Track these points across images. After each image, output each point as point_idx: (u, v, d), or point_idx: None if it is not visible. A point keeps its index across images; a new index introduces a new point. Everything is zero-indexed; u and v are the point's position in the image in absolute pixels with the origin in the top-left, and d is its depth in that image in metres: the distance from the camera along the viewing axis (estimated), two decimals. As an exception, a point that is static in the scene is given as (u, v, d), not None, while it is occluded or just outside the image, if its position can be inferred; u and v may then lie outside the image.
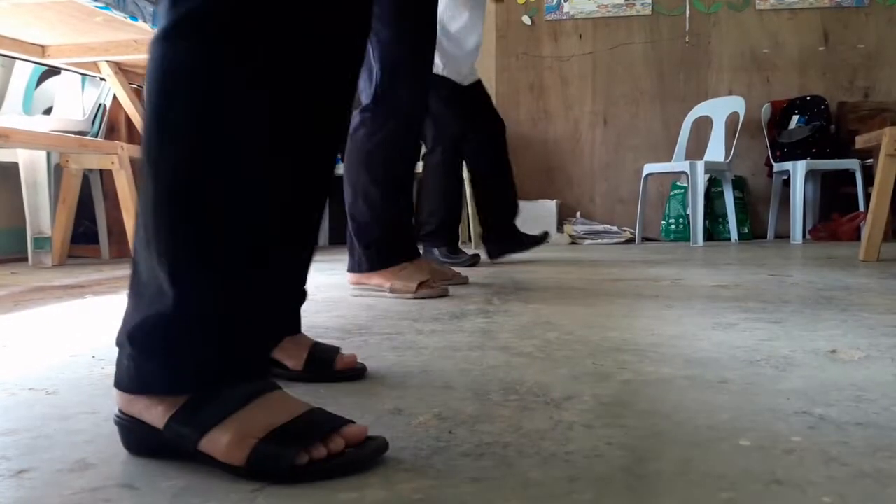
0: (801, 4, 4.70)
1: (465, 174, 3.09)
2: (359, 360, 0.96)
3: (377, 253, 1.87)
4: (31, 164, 2.94)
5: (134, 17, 2.12)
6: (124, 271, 2.71)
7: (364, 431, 0.63)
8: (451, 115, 2.81)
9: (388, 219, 1.88)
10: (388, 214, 1.88)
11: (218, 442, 0.60)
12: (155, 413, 0.63)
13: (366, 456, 0.61)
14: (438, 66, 2.65)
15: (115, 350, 0.68)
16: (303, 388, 0.87)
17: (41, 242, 2.94)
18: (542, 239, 3.06)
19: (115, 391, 0.66)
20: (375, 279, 1.87)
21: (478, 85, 2.96)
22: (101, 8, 2.00)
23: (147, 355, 0.64)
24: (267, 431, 0.59)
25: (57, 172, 3.06)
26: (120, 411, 0.66)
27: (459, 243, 2.91)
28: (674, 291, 1.87)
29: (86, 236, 3.52)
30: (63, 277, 2.48)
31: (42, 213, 2.95)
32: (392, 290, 1.83)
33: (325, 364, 0.93)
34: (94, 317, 1.55)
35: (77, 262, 3.15)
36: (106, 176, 3.32)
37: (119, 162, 2.93)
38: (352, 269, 1.90)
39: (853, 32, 4.68)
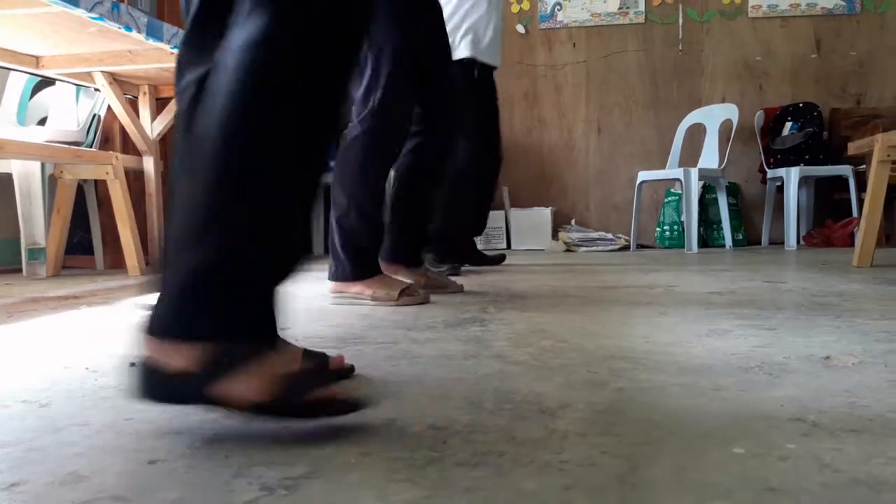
0: (792, 12, 4.73)
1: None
2: (354, 370, 1.00)
3: (363, 262, 1.87)
4: (26, 174, 2.93)
5: (128, 28, 2.12)
6: (119, 282, 2.70)
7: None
8: (475, 105, 2.85)
9: (376, 229, 1.88)
10: (378, 224, 1.88)
11: (241, 384, 0.69)
12: (180, 357, 0.70)
13: (357, 399, 0.74)
14: (462, 50, 2.71)
15: (108, 361, 0.69)
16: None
17: (35, 253, 2.93)
18: (498, 260, 3.19)
19: (142, 337, 0.72)
20: (356, 287, 1.87)
21: (492, 81, 2.99)
22: (95, 19, 2.00)
23: (185, 302, 0.71)
24: (285, 375, 0.71)
25: (51, 183, 3.05)
26: (143, 357, 0.72)
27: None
28: (668, 298, 1.88)
29: (80, 247, 3.51)
30: (57, 288, 2.47)
31: (36, 224, 2.95)
32: (373, 298, 1.84)
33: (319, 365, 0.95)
34: (88, 328, 1.55)
35: (71, 273, 3.14)
36: (100, 186, 3.31)
37: (113, 172, 2.92)
38: (333, 278, 1.90)
39: (845, 40, 4.71)
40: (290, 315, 1.65)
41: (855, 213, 4.11)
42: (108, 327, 1.55)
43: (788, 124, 4.54)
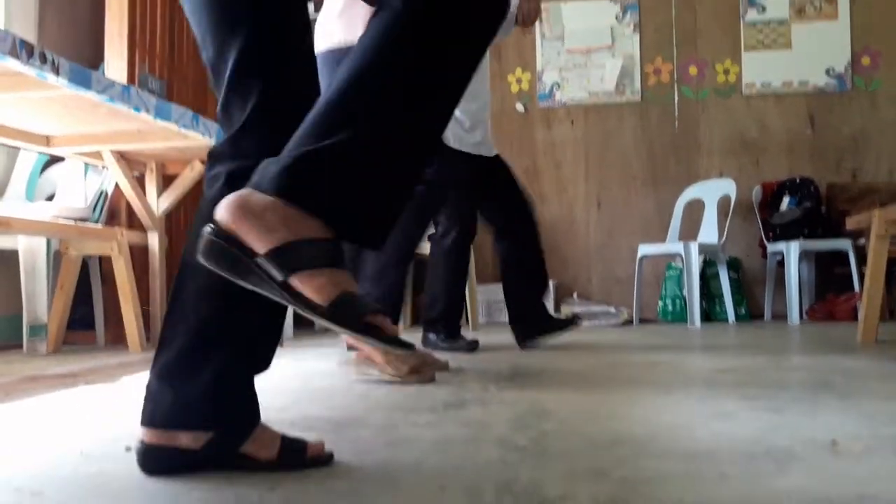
0: (785, 90, 4.85)
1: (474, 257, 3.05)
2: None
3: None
4: (31, 251, 2.96)
5: (137, 109, 2.18)
6: (119, 358, 2.69)
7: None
8: (466, 195, 2.81)
9: (396, 293, 1.89)
10: (398, 288, 1.89)
11: (310, 281, 0.74)
12: (259, 237, 0.74)
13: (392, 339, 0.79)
14: (448, 139, 2.62)
15: (104, 446, 0.68)
16: (294, 485, 0.85)
17: (36, 330, 2.93)
18: (571, 322, 2.87)
19: (222, 207, 0.76)
20: (364, 355, 1.86)
21: (496, 159, 2.92)
22: (106, 101, 2.06)
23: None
24: (349, 290, 0.77)
25: (56, 259, 3.07)
26: (219, 228, 0.76)
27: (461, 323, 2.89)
28: (672, 376, 1.86)
29: (82, 322, 3.50)
30: (57, 365, 2.46)
31: (39, 301, 2.95)
32: (381, 369, 1.82)
33: (298, 452, 0.95)
34: (86, 409, 1.53)
35: (72, 349, 3.13)
36: (105, 261, 3.33)
37: (118, 248, 2.95)
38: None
39: (837, 116, 4.81)
40: (288, 396, 1.64)
41: (857, 287, 4.10)
42: (107, 408, 1.53)
43: (786, 199, 4.59)
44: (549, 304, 4.74)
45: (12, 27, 3.38)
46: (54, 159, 3.38)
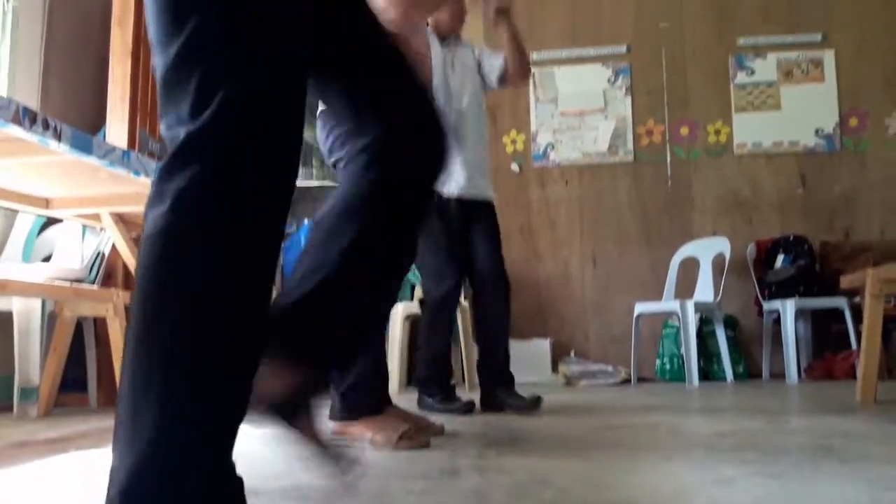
0: (776, 150, 4.93)
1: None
2: None
3: (356, 400, 1.85)
4: (26, 312, 2.95)
5: (137, 173, 2.20)
6: (111, 422, 2.65)
7: None
8: (448, 256, 2.80)
9: (367, 365, 1.88)
10: (368, 361, 1.88)
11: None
12: None
13: None
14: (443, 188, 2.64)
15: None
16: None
17: (28, 393, 2.89)
18: (534, 405, 2.65)
19: None
20: (356, 429, 1.84)
21: (488, 209, 2.91)
22: (106, 165, 2.08)
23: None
24: None
25: (51, 320, 3.06)
26: None
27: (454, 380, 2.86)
28: (672, 440, 1.84)
29: (74, 383, 3.46)
30: (48, 429, 2.42)
31: (32, 363, 2.93)
32: (373, 443, 1.80)
33: None
34: (75, 476, 1.51)
35: (63, 412, 3.08)
36: (99, 323, 3.32)
37: (114, 310, 2.94)
38: (333, 418, 1.87)
39: (828, 175, 4.89)
40: (281, 462, 1.61)
41: (854, 345, 4.09)
42: (98, 475, 1.50)
43: (780, 257, 4.62)
44: (547, 363, 4.73)
45: (17, 90, 3.44)
46: (52, 221, 3.40)
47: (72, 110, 3.76)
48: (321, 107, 1.87)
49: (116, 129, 3.46)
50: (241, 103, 0.82)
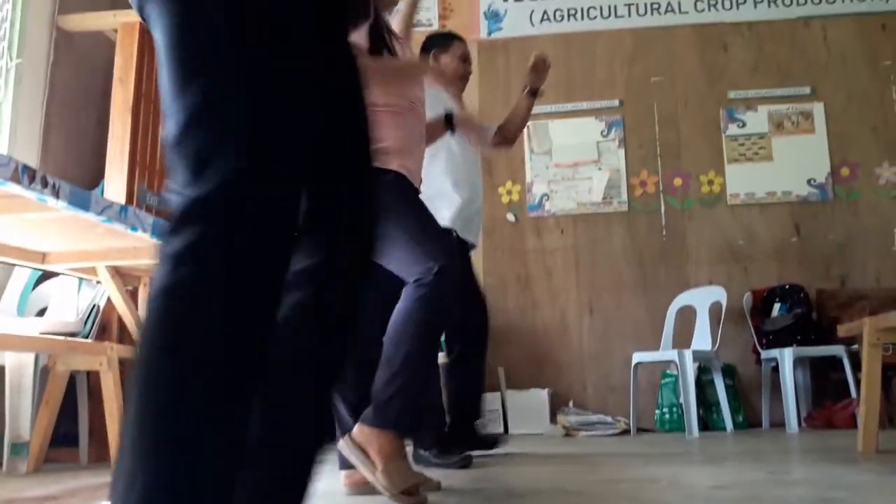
0: (769, 200, 4.98)
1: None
2: None
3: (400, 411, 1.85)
4: (19, 367, 2.92)
5: (134, 228, 2.22)
6: (102, 478, 2.61)
7: None
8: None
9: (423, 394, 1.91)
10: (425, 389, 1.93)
11: None
12: None
13: None
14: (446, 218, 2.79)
15: None
16: None
17: (18, 449, 2.85)
18: (494, 443, 2.97)
19: None
20: (374, 449, 1.80)
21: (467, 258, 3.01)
22: (103, 221, 2.10)
23: None
24: None
25: (43, 374, 3.03)
26: None
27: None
28: (672, 495, 1.81)
29: (66, 438, 3.41)
30: (36, 486, 2.37)
31: (23, 418, 2.89)
32: (376, 478, 1.77)
33: None
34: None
35: (54, 468, 3.03)
36: (92, 377, 3.29)
37: (108, 363, 2.91)
38: (364, 420, 1.86)
39: (822, 224, 4.92)
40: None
41: (853, 393, 4.06)
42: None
43: (777, 305, 4.62)
44: (546, 413, 4.68)
45: (18, 144, 3.48)
46: (48, 274, 3.40)
47: (71, 164, 3.80)
48: None
49: (115, 183, 3.49)
50: (242, 172, 0.84)
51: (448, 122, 2.60)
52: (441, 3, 5.43)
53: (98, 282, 3.18)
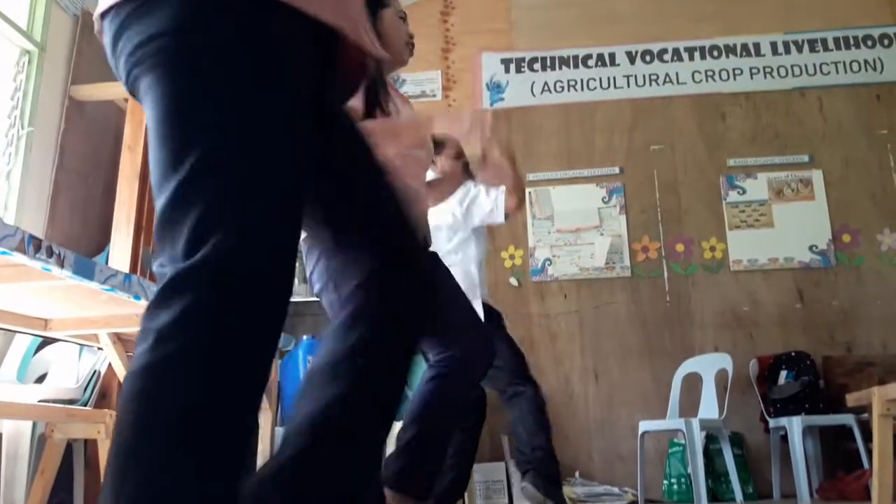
0: (772, 266, 4.98)
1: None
2: None
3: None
4: (16, 435, 2.88)
5: (138, 297, 2.22)
6: (95, 553, 2.53)
7: None
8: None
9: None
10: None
11: None
12: None
13: None
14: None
15: None
16: None
17: (10, 520, 2.78)
18: None
19: None
20: None
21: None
22: (107, 290, 2.10)
23: None
24: None
25: (40, 442, 2.99)
26: None
27: None
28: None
29: (60, 508, 3.34)
30: (28, 562, 2.31)
31: (18, 487, 2.83)
32: None
33: None
34: None
35: (46, 541, 2.95)
36: (90, 444, 3.24)
37: (105, 431, 2.87)
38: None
39: (825, 290, 4.91)
40: None
41: (866, 464, 3.98)
42: None
43: (783, 373, 4.56)
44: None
45: (25, 210, 3.52)
46: (49, 339, 3.38)
47: (77, 228, 3.83)
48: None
49: (120, 248, 3.52)
50: (234, 251, 0.82)
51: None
52: (444, 75, 5.56)
53: (100, 348, 3.17)
